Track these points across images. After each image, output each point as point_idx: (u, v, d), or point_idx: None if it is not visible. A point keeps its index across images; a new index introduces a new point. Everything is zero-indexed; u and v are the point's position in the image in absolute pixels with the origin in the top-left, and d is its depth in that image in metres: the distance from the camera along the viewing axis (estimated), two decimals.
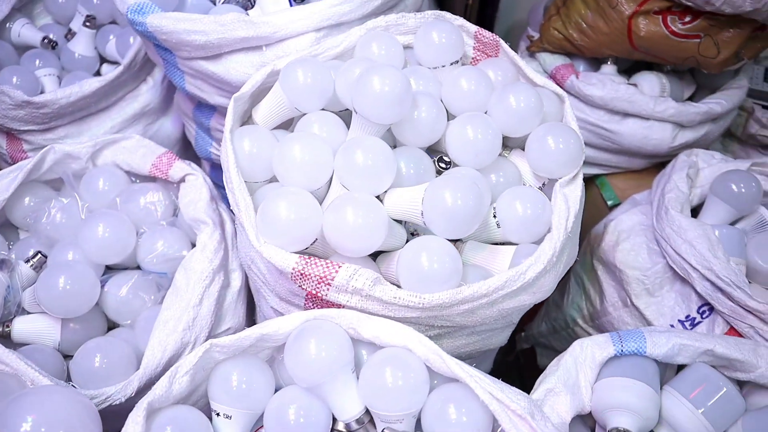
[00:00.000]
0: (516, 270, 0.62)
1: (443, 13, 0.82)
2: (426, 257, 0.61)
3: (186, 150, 1.24)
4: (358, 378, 0.57)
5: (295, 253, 0.62)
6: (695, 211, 0.98)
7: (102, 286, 0.84)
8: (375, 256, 0.71)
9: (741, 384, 0.75)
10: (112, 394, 0.73)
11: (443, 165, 0.73)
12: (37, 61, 1.21)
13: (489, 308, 0.63)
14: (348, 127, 0.75)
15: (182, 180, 0.92)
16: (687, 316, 0.89)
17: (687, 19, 1.00)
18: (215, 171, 1.16)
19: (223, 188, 0.94)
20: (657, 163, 1.15)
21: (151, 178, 0.97)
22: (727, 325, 0.86)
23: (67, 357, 0.84)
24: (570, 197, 0.70)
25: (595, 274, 1.00)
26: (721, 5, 0.96)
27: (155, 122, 1.16)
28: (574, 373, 0.71)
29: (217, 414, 0.57)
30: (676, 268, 0.88)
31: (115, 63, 1.26)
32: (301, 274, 0.60)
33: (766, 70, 1.35)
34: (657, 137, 1.05)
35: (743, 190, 0.93)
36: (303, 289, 0.62)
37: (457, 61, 0.80)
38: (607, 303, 0.97)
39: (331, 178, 0.69)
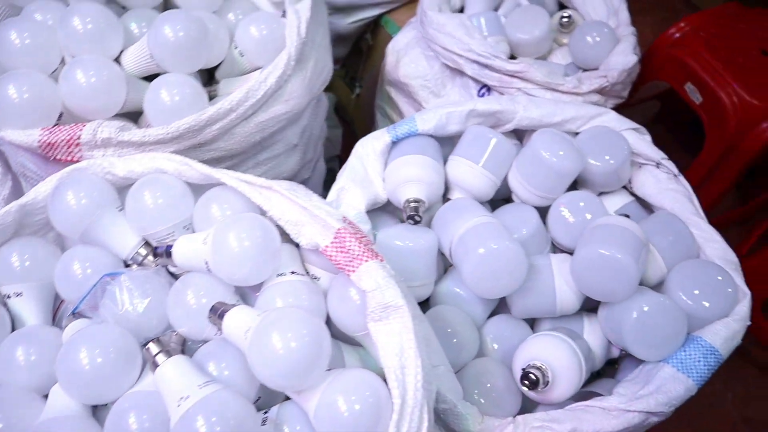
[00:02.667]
0: (254, 80, 0.66)
1: None
2: (166, 91, 0.64)
3: None
4: None
5: None
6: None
7: None
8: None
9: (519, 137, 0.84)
10: None
11: None
12: None
13: (246, 124, 0.67)
14: None
15: None
16: None
17: None
18: None
19: None
20: None
21: None
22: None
23: None
24: (300, 10, 0.73)
25: (391, 99, 1.06)
26: None
27: None
28: (362, 169, 0.77)
29: (8, 296, 0.59)
30: (448, 61, 0.95)
31: None
32: (49, 144, 0.61)
33: None
34: None
35: None
36: (60, 161, 0.63)
37: None
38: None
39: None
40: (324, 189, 1.05)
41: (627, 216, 0.74)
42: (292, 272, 0.55)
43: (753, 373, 1.24)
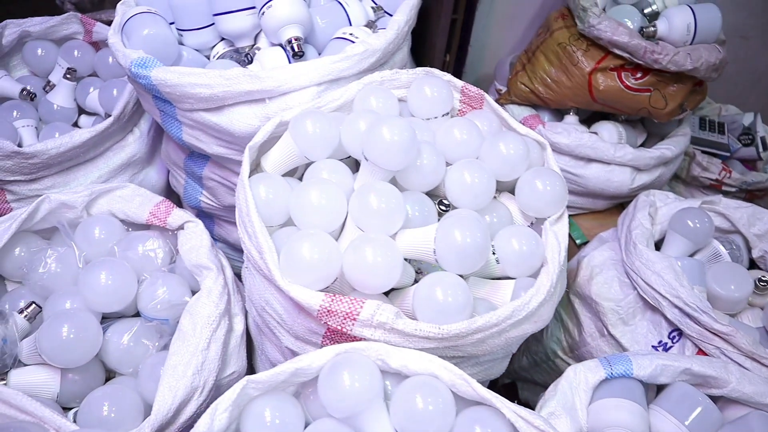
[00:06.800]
0: (521, 300, 0.68)
1: (432, 69, 0.90)
2: (441, 291, 0.66)
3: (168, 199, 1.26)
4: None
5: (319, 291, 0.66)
6: (656, 246, 1.07)
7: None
8: (387, 293, 0.75)
9: (714, 400, 0.83)
10: None
11: (443, 207, 0.79)
12: (15, 113, 1.21)
13: (497, 337, 0.69)
14: (352, 173, 0.81)
15: (180, 227, 0.94)
16: (659, 342, 0.97)
17: (638, 75, 1.12)
18: (201, 219, 1.17)
19: (212, 238, 0.97)
20: (616, 204, 1.26)
21: (144, 227, 0.98)
22: (696, 348, 0.94)
23: (66, 409, 0.83)
24: (559, 234, 0.77)
25: (571, 307, 1.07)
26: (667, 64, 1.09)
27: (140, 172, 1.18)
28: (570, 396, 0.76)
29: None
30: (647, 297, 0.96)
31: (94, 114, 1.27)
32: (328, 311, 0.64)
33: (701, 119, 1.51)
34: (618, 180, 1.15)
35: (698, 225, 1.04)
36: (326, 325, 0.65)
37: (447, 113, 0.88)
38: (585, 334, 1.04)
39: (344, 221, 0.74)
40: None
41: None
42: None
43: None
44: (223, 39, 1.03)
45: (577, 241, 1.22)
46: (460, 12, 1.10)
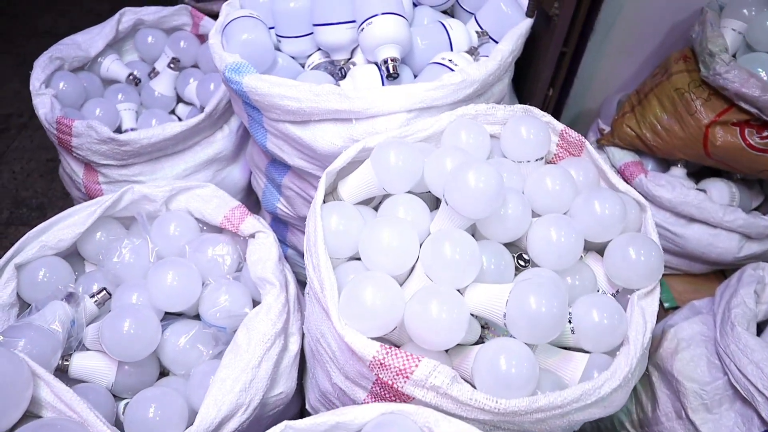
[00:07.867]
0: (592, 384, 0.61)
1: (532, 108, 0.84)
2: (505, 360, 0.61)
3: (247, 198, 1.27)
4: None
5: (374, 339, 0.62)
6: (759, 328, 0.96)
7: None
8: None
9: None
10: None
11: (522, 263, 0.73)
12: (120, 95, 1.26)
13: (560, 419, 0.62)
14: (429, 210, 0.76)
15: (252, 236, 0.94)
16: None
17: (765, 133, 1.00)
18: (276, 224, 1.17)
19: (284, 243, 0.95)
20: (716, 269, 1.14)
21: (218, 229, 0.99)
22: None
23: (117, 399, 0.84)
24: (647, 311, 0.70)
25: (648, 379, 0.98)
26: None
27: (224, 169, 1.19)
28: None
29: None
30: (740, 388, 0.86)
31: (191, 104, 1.30)
32: (381, 364, 0.60)
33: None
34: (723, 246, 1.04)
35: None
36: (377, 376, 0.62)
37: (541, 158, 0.82)
38: (659, 412, 0.95)
39: (413, 266, 0.70)
40: None
41: None
42: None
43: None
44: (320, 49, 1.02)
45: (666, 305, 1.11)
46: (571, 44, 1.02)
